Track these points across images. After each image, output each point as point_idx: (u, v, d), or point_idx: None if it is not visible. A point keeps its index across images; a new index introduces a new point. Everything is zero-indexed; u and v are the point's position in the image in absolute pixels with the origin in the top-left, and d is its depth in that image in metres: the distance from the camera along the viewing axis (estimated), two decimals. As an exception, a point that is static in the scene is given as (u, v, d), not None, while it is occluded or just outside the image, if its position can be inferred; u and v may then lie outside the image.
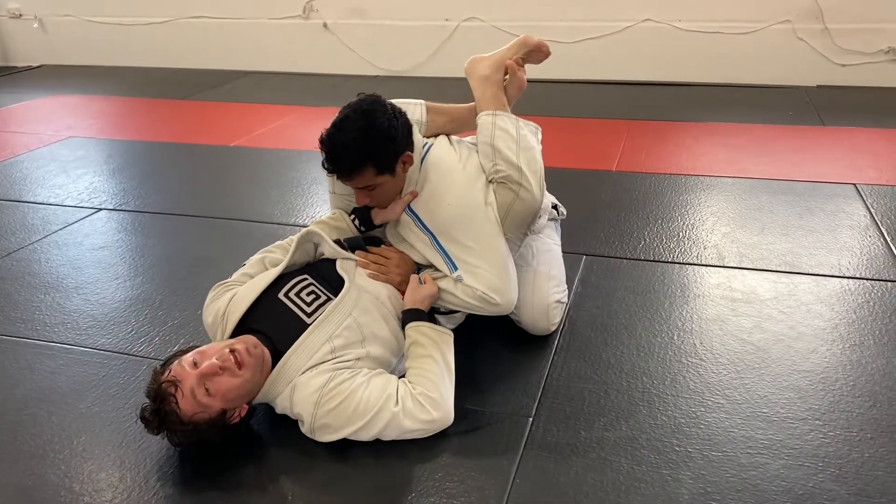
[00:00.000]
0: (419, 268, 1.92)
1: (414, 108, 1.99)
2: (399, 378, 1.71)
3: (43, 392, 1.91)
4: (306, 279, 1.81)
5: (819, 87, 4.67)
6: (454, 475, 1.57)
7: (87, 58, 6.24)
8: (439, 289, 1.84)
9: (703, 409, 1.74)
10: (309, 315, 1.72)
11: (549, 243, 2.13)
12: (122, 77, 5.81)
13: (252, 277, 1.87)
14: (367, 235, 1.99)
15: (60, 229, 2.94)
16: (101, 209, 3.14)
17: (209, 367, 1.54)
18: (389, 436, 1.63)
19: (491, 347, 2.04)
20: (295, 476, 1.60)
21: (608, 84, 4.97)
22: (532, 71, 2.15)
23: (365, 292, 1.79)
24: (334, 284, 1.81)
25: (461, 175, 1.87)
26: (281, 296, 1.76)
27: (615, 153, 3.59)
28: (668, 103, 4.52)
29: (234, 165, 3.69)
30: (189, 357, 1.58)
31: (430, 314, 1.85)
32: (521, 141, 1.89)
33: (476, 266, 1.80)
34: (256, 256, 1.95)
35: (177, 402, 1.51)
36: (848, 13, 4.53)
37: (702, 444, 1.63)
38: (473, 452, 1.64)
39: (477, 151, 1.94)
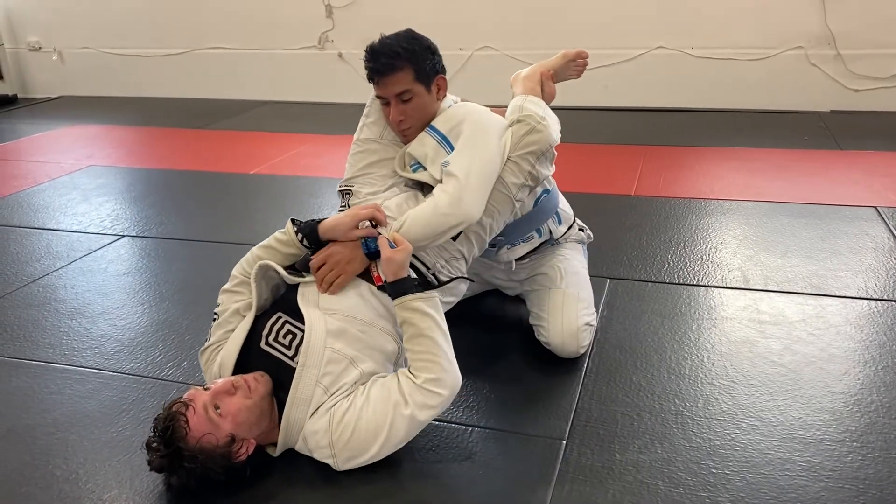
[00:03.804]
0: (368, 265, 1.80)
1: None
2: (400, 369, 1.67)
3: (73, 416, 1.91)
4: (280, 317, 1.75)
5: (833, 112, 4.69)
6: (490, 498, 1.56)
7: (105, 89, 6.33)
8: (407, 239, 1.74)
9: (737, 432, 1.73)
10: (292, 358, 1.68)
11: (576, 265, 2.14)
12: (140, 107, 5.88)
13: (233, 331, 1.80)
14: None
15: (84, 256, 2.96)
16: (123, 236, 3.16)
17: (223, 384, 1.59)
18: (413, 434, 1.62)
19: (520, 370, 2.03)
20: (322, 499, 1.59)
21: (622, 111, 5.00)
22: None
23: (332, 314, 1.71)
24: (303, 315, 1.74)
25: (491, 114, 1.97)
26: (263, 345, 1.72)
27: (633, 178, 3.60)
28: (682, 129, 4.54)
29: (254, 193, 3.72)
30: (201, 386, 1.62)
31: (420, 284, 1.75)
32: (546, 111, 2.01)
33: (461, 164, 1.79)
34: (228, 306, 1.85)
35: (187, 422, 1.50)
36: (859, 39, 4.57)
37: (739, 467, 1.62)
38: (509, 475, 1.63)
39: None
